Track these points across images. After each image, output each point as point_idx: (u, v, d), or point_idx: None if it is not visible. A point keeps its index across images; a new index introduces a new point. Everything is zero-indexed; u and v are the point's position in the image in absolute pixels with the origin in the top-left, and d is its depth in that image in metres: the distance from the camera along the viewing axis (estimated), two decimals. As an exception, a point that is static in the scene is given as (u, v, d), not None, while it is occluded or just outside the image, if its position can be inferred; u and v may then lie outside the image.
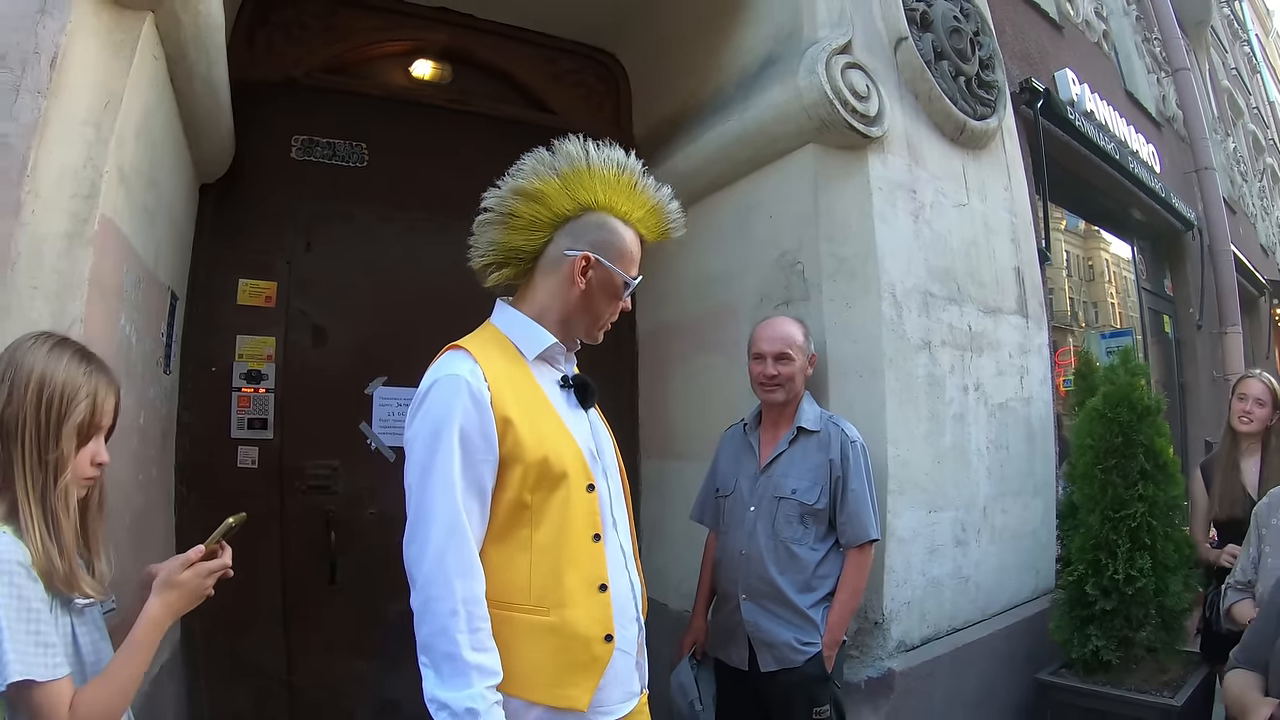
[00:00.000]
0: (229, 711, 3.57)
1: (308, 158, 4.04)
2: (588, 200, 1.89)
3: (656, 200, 1.99)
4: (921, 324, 3.60)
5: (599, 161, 1.89)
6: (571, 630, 1.76)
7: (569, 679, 1.75)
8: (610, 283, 1.93)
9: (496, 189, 1.93)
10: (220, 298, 3.74)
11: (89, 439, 1.57)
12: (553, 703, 1.74)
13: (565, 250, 1.89)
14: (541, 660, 1.74)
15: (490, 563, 1.73)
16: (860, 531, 2.88)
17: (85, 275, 2.11)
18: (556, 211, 1.89)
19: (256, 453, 3.76)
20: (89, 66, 2.18)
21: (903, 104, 3.76)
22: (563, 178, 1.87)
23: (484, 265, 1.95)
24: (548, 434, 1.81)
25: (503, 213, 1.91)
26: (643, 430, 4.62)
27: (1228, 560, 3.52)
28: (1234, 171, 12.07)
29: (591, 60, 4.84)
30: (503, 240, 1.92)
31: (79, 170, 2.14)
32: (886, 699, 3.22)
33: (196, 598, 1.65)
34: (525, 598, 1.75)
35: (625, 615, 1.88)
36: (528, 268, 1.95)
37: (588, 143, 1.90)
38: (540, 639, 1.75)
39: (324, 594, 3.77)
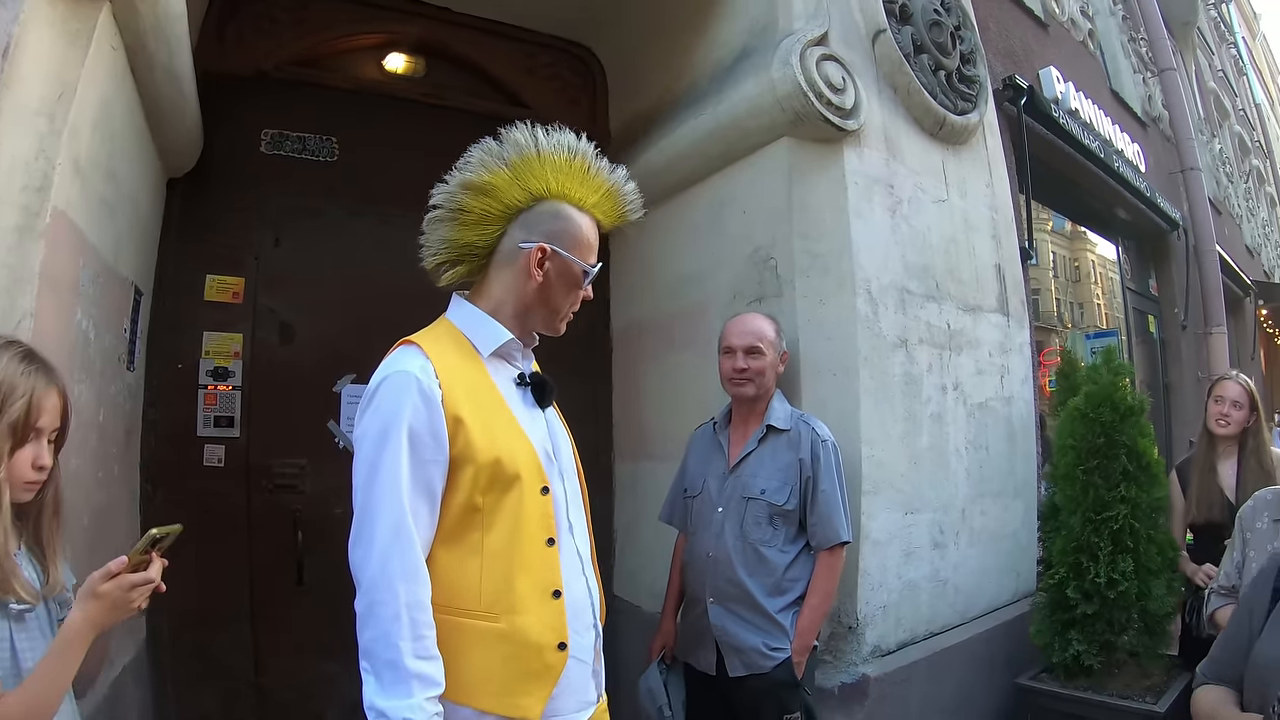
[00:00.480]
0: (196, 714, 3.51)
1: (277, 152, 3.99)
2: (539, 189, 1.83)
3: (611, 183, 1.94)
4: (898, 321, 3.55)
5: (549, 148, 1.83)
6: (523, 637, 1.70)
7: (520, 688, 1.70)
8: (568, 272, 1.86)
9: (444, 184, 1.87)
10: (187, 293, 3.68)
11: (25, 441, 1.52)
12: (504, 712, 1.68)
13: (520, 243, 1.83)
14: (492, 668, 1.69)
15: (440, 567, 1.67)
16: (831, 533, 2.83)
17: (36, 269, 2.06)
18: (508, 203, 1.83)
19: (223, 451, 3.71)
20: (42, 56, 2.13)
21: (880, 97, 3.72)
22: (512, 168, 1.81)
23: (437, 264, 1.89)
24: (501, 434, 1.75)
25: (452, 209, 1.85)
26: (616, 431, 4.59)
27: (1203, 579, 3.49)
28: (1220, 172, 12.11)
29: (568, 54, 4.80)
30: (455, 237, 1.86)
31: (30, 162, 2.09)
32: (861, 705, 3.17)
33: (119, 610, 1.55)
34: (476, 603, 1.69)
35: (581, 622, 1.82)
36: (482, 263, 1.89)
37: (536, 129, 1.83)
38: (491, 646, 1.69)
39: (292, 594, 3.71)
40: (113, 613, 1.54)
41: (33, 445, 1.54)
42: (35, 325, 2.01)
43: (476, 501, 1.71)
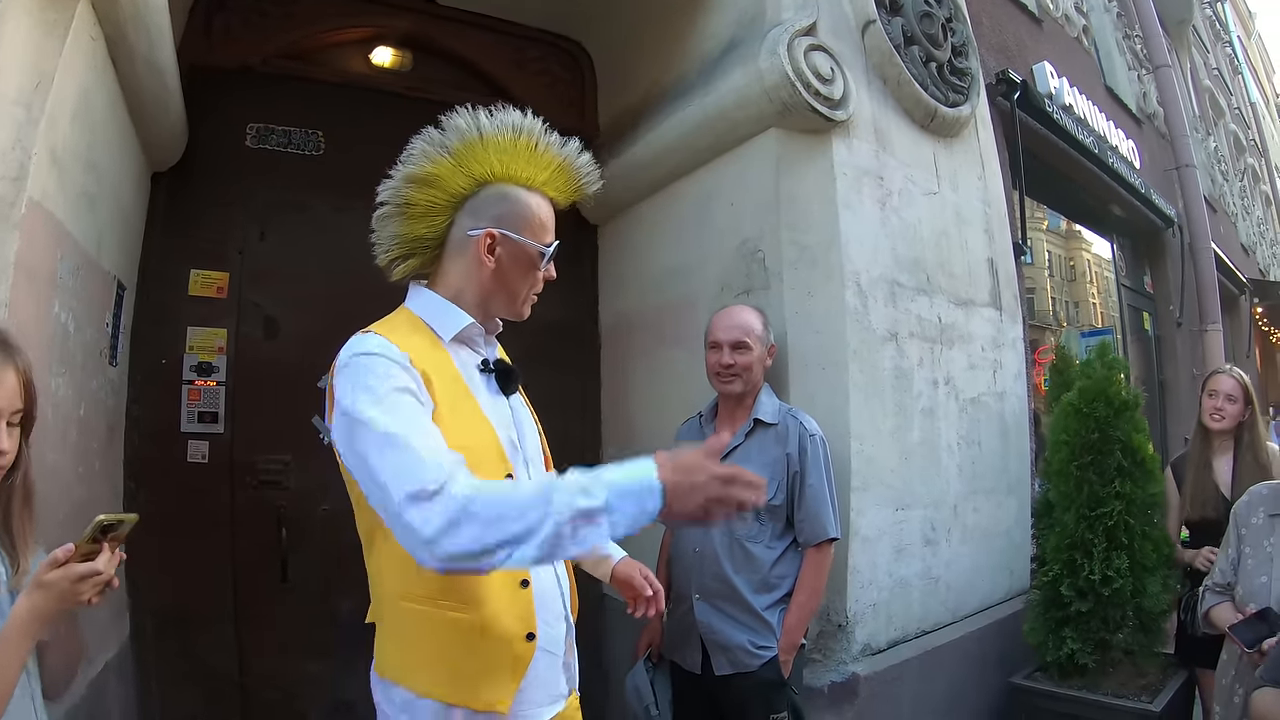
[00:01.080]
0: (180, 713, 3.48)
1: (263, 146, 3.97)
2: (483, 174, 1.80)
3: (563, 158, 1.88)
4: (888, 314, 3.52)
5: (491, 130, 1.79)
6: (491, 628, 1.65)
7: (488, 680, 1.65)
8: (523, 255, 1.82)
9: (389, 179, 1.84)
10: (171, 288, 3.66)
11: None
12: (471, 705, 1.64)
13: (468, 231, 1.79)
14: (459, 660, 1.64)
15: (403, 553, 1.58)
16: (819, 529, 2.79)
17: (10, 259, 2.05)
18: (452, 192, 1.79)
19: (207, 447, 3.69)
20: (19, 46, 2.13)
21: (870, 88, 3.69)
22: (454, 155, 1.78)
23: (389, 260, 1.86)
24: (463, 419, 1.70)
25: (398, 204, 1.82)
26: (605, 426, 4.56)
27: (1203, 563, 3.45)
28: (1215, 170, 12.12)
29: (556, 48, 4.76)
30: (404, 232, 1.83)
31: (6, 152, 2.08)
32: (851, 704, 3.14)
33: (66, 601, 1.48)
34: (443, 593, 1.64)
35: (550, 613, 1.78)
36: (435, 254, 1.85)
37: (479, 112, 1.79)
38: (459, 637, 1.64)
39: (276, 592, 3.69)
40: (60, 604, 1.48)
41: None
42: (10, 315, 2.00)
43: None
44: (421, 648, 1.64)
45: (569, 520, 1.36)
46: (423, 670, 1.63)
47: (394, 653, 1.70)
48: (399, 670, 1.68)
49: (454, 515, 1.38)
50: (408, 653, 1.67)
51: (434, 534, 1.38)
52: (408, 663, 1.68)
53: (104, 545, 1.49)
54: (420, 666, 1.63)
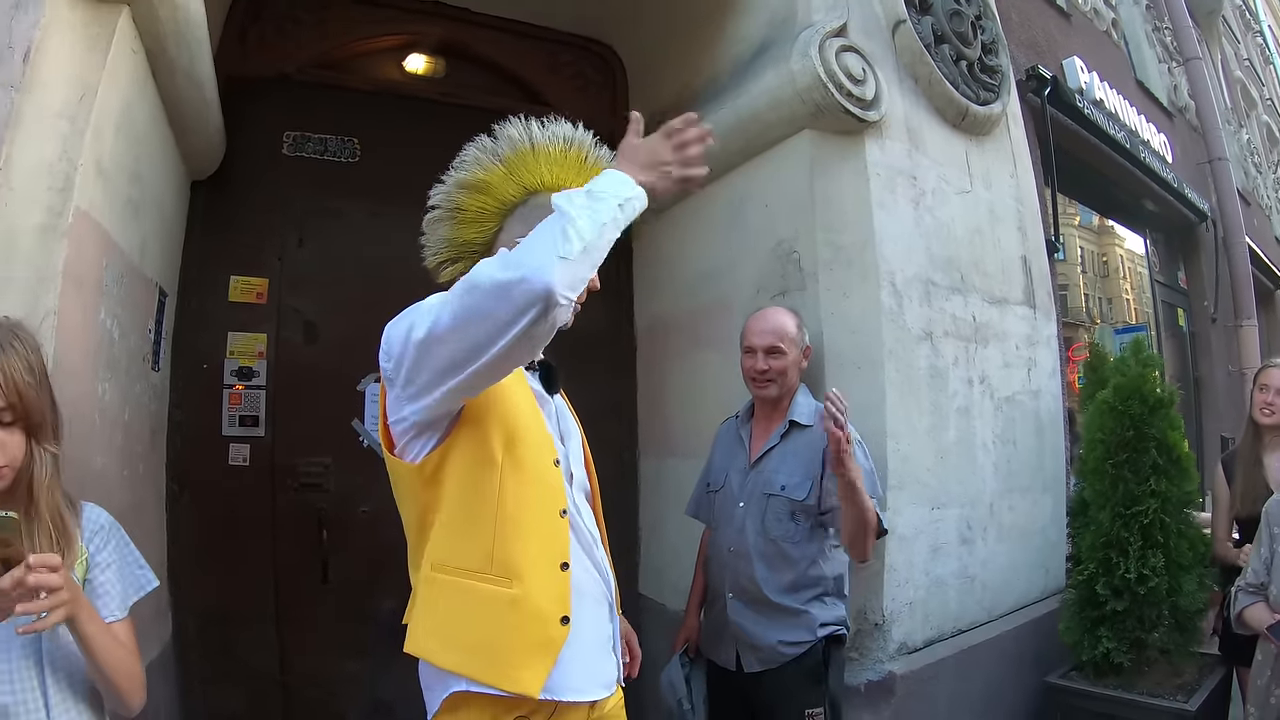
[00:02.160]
0: (222, 712, 3.53)
1: (300, 153, 4.01)
2: (533, 183, 1.86)
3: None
4: (923, 314, 3.52)
5: (543, 140, 1.86)
6: (524, 604, 1.67)
7: (519, 659, 1.66)
8: None
9: (441, 184, 1.91)
10: (211, 294, 3.71)
11: None
12: (501, 685, 1.64)
13: (516, 237, 1.78)
14: (492, 636, 1.66)
15: (455, 527, 1.68)
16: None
17: (59, 268, 2.09)
18: (503, 199, 1.86)
19: (248, 450, 3.73)
20: (63, 60, 2.18)
21: (901, 88, 3.69)
22: (506, 163, 1.84)
23: (438, 263, 1.94)
24: (522, 402, 1.76)
25: (449, 208, 1.89)
26: (641, 428, 4.57)
27: (1245, 560, 3.42)
28: (1248, 163, 11.94)
29: (588, 52, 4.79)
30: (453, 235, 1.91)
31: (53, 163, 2.13)
32: (887, 703, 3.14)
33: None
34: (487, 566, 1.67)
35: (590, 599, 1.82)
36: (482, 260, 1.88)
37: (531, 122, 1.86)
38: (495, 612, 1.66)
39: (317, 593, 3.74)
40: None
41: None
42: (59, 324, 2.04)
43: (496, 454, 1.70)
44: (457, 622, 1.66)
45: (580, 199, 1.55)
46: (454, 646, 1.66)
47: (424, 626, 1.71)
48: (426, 645, 1.70)
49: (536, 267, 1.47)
50: (438, 626, 1.69)
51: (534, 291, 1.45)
52: (436, 637, 1.69)
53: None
54: (452, 643, 1.66)
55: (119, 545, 1.71)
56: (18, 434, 1.51)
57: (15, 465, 1.51)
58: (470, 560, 1.67)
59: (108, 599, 1.63)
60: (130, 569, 1.72)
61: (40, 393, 1.54)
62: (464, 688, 1.64)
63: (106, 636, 1.54)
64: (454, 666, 1.65)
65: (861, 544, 2.66)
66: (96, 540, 1.67)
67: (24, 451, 1.52)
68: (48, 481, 1.55)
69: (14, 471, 1.52)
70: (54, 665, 1.53)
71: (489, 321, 1.49)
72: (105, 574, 1.65)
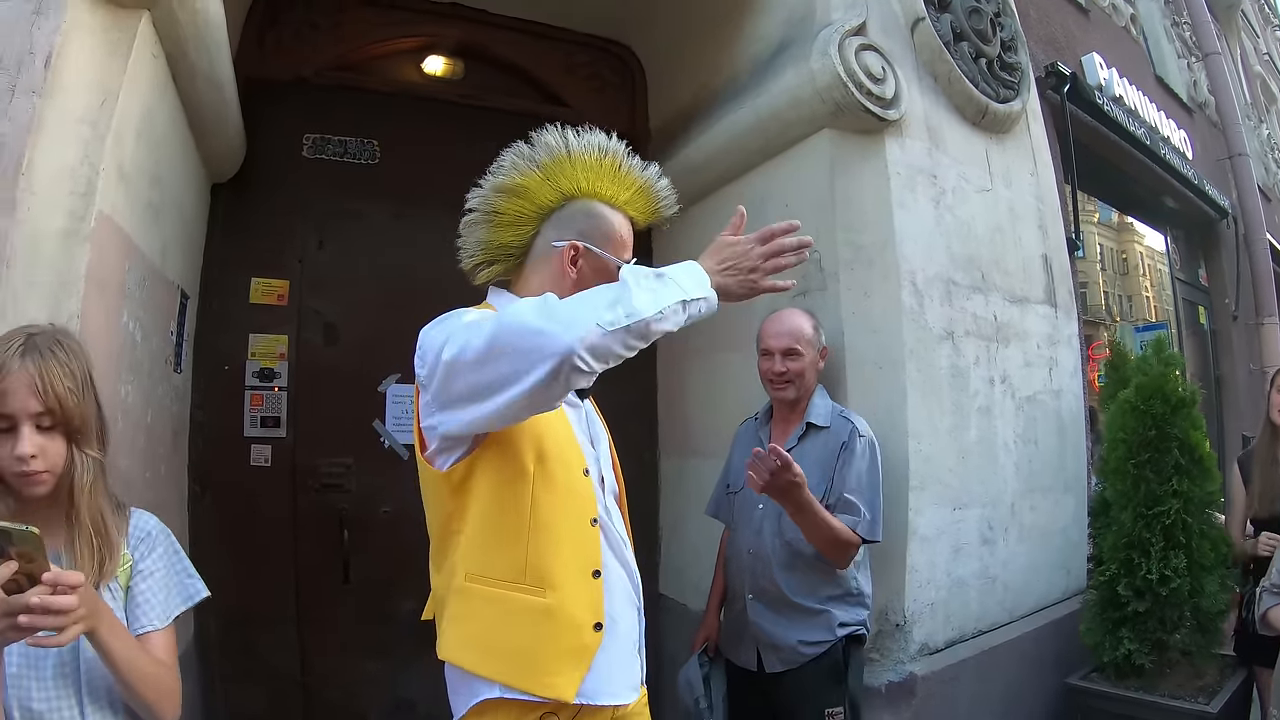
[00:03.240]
0: (243, 712, 3.56)
1: (319, 156, 4.04)
2: (570, 189, 1.88)
3: (644, 180, 1.96)
4: (944, 313, 3.50)
5: (579, 148, 1.87)
6: (559, 613, 1.70)
7: (554, 666, 1.68)
8: (603, 268, 1.87)
9: (479, 188, 1.92)
10: (232, 296, 3.74)
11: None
12: (536, 691, 1.66)
13: (552, 242, 1.87)
14: (527, 644, 1.68)
15: (487, 537, 1.70)
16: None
17: (82, 272, 2.12)
18: (539, 204, 1.87)
19: (270, 451, 3.76)
20: (85, 65, 2.20)
21: (921, 86, 3.67)
22: (543, 169, 1.86)
23: (474, 265, 1.94)
24: (551, 414, 1.76)
25: (486, 211, 1.90)
26: (661, 428, 4.57)
27: (1265, 549, 3.40)
28: (1269, 158, 11.85)
29: (606, 53, 4.79)
30: (490, 238, 1.91)
31: (75, 168, 2.15)
32: (908, 704, 3.13)
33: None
34: (520, 576, 1.69)
35: (622, 599, 1.84)
36: (518, 263, 1.93)
37: (566, 130, 1.87)
38: (529, 621, 1.69)
39: (338, 593, 3.76)
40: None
41: (8, 434, 1.49)
42: (82, 327, 2.06)
43: (528, 466, 1.72)
44: (492, 631, 1.68)
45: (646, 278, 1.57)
46: (489, 654, 1.67)
47: (457, 635, 1.72)
48: (462, 653, 1.71)
49: (574, 320, 1.48)
50: (474, 635, 1.70)
51: (565, 348, 1.45)
52: (473, 645, 1.71)
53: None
54: (487, 650, 1.67)
55: (166, 553, 1.71)
56: (58, 439, 1.53)
57: (56, 471, 1.53)
58: (504, 571, 1.69)
59: (147, 608, 1.63)
60: (179, 578, 1.71)
61: (82, 399, 1.55)
62: (495, 694, 1.66)
63: (131, 650, 1.53)
64: (490, 674, 1.66)
65: (828, 555, 2.69)
66: (141, 548, 1.68)
67: (65, 457, 1.53)
68: (89, 487, 1.56)
69: (54, 477, 1.53)
70: (90, 674, 1.53)
71: (507, 362, 1.50)
72: (147, 582, 1.65)
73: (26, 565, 1.31)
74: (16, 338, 1.52)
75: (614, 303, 1.50)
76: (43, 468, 1.50)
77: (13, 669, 1.47)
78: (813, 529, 2.59)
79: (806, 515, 2.55)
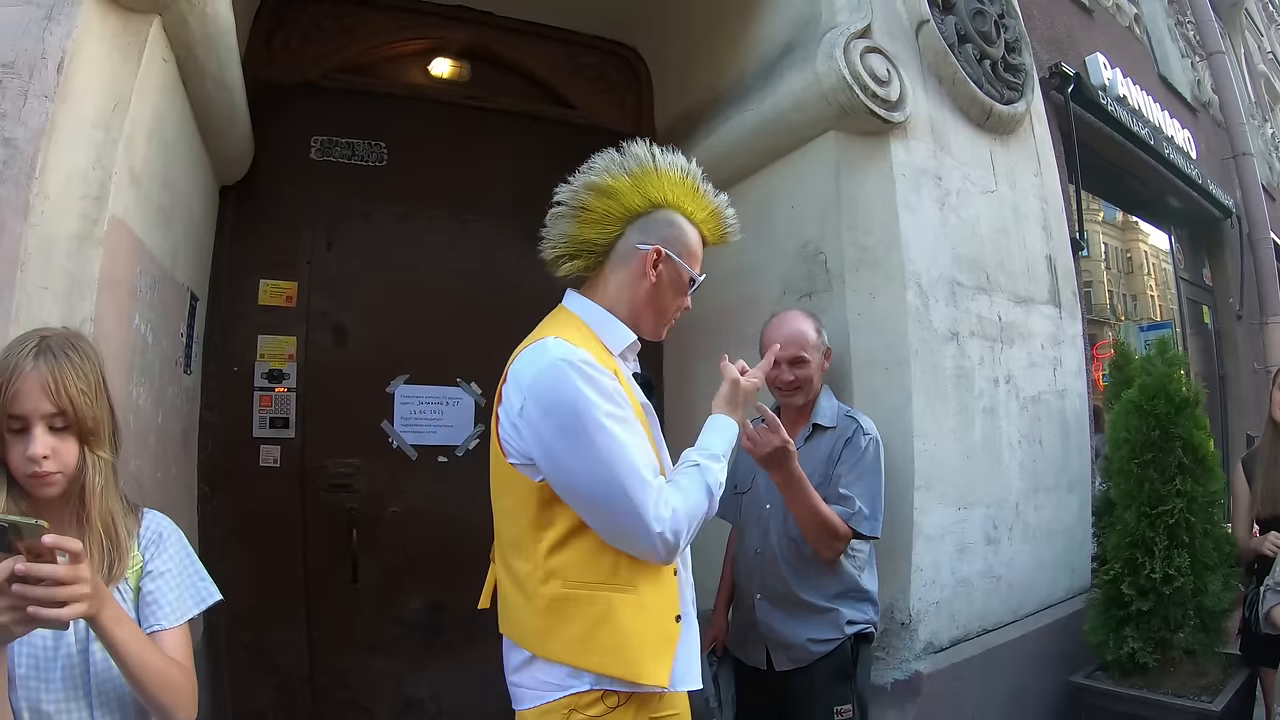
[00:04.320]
0: (252, 711, 3.59)
1: (327, 158, 4.06)
2: (658, 198, 1.95)
3: (716, 204, 2.07)
4: (949, 314, 3.52)
5: (665, 163, 1.96)
6: (653, 608, 1.83)
7: (649, 655, 1.81)
8: (678, 278, 1.99)
9: (568, 184, 1.97)
10: (241, 298, 3.77)
11: (9, 429, 1.49)
12: (637, 679, 1.78)
13: (637, 244, 1.95)
14: (627, 637, 1.79)
15: (583, 544, 1.80)
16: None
17: (95, 275, 2.14)
18: (628, 207, 1.94)
19: (279, 451, 3.79)
20: (96, 70, 2.22)
21: (926, 88, 3.69)
22: (633, 176, 1.93)
23: (556, 256, 2.00)
24: (640, 426, 1.85)
25: (575, 206, 1.96)
26: (668, 427, 4.50)
27: (1270, 548, 3.41)
28: (1273, 158, 11.81)
29: (612, 55, 4.81)
30: (575, 233, 1.96)
31: (88, 172, 2.17)
32: (914, 702, 3.14)
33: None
34: (613, 576, 1.80)
35: (688, 599, 1.98)
36: (598, 261, 1.99)
37: (653, 146, 1.96)
38: (626, 615, 1.80)
39: (346, 592, 3.78)
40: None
41: (24, 435, 1.49)
42: (95, 329, 2.08)
43: None
44: (597, 629, 1.78)
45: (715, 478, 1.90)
46: (593, 650, 1.77)
47: (566, 637, 1.80)
48: (569, 652, 1.79)
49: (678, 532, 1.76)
50: (580, 635, 1.79)
51: (669, 549, 1.75)
52: (579, 644, 1.79)
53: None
54: (590, 646, 1.77)
55: (178, 554, 1.71)
56: (70, 441, 1.53)
57: (68, 472, 1.53)
58: (600, 574, 1.80)
59: (157, 608, 1.63)
60: (191, 579, 1.71)
61: (94, 401, 1.55)
62: (586, 686, 1.78)
63: (139, 643, 1.51)
64: (594, 667, 1.77)
65: (814, 544, 2.69)
66: (152, 548, 1.68)
67: (76, 458, 1.54)
68: (100, 488, 1.57)
69: (66, 478, 1.53)
70: (100, 677, 1.54)
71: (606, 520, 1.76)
72: (157, 582, 1.65)
73: (35, 560, 1.30)
74: (30, 340, 1.53)
75: (712, 493, 1.88)
76: (54, 469, 1.51)
77: (21, 670, 1.48)
78: (802, 506, 2.60)
79: (796, 490, 2.57)
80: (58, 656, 1.51)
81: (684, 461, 1.95)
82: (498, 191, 4.12)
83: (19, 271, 2.00)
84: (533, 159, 4.18)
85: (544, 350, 1.79)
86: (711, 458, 1.94)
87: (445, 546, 3.78)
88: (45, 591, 1.30)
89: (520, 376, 1.79)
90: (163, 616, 1.63)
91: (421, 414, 4.00)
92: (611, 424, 1.73)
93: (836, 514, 2.66)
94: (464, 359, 4.04)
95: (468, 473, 3.96)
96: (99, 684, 1.54)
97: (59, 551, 1.31)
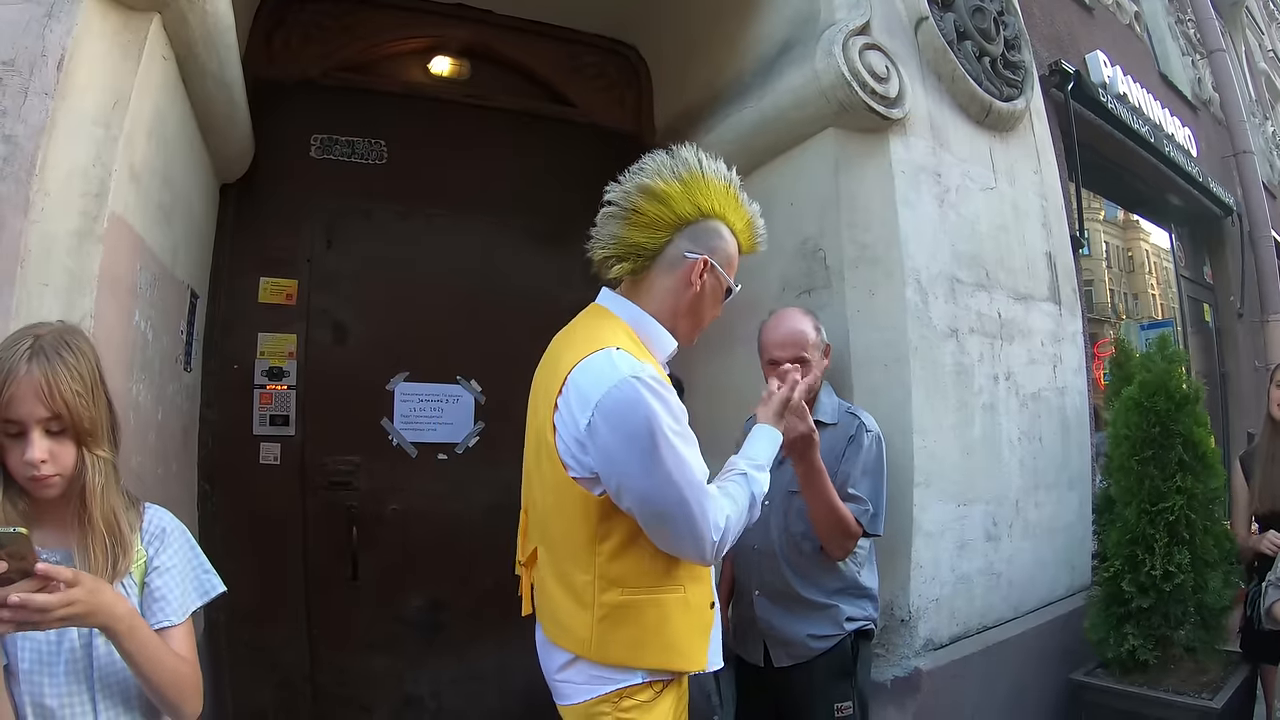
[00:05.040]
0: (252, 708, 3.60)
1: (327, 156, 4.07)
2: (707, 207, 1.96)
3: (752, 214, 2.09)
4: (948, 311, 3.52)
5: (710, 171, 1.97)
6: (693, 601, 1.92)
7: (694, 643, 1.92)
8: (718, 288, 2.02)
9: (619, 184, 1.96)
10: (242, 296, 3.78)
11: (7, 432, 1.48)
12: (684, 667, 1.92)
13: (685, 252, 1.95)
14: (679, 632, 1.89)
15: (640, 552, 1.84)
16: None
17: (95, 272, 2.15)
18: (679, 214, 1.94)
19: (279, 449, 3.79)
20: (96, 68, 2.22)
21: (925, 85, 3.69)
22: (684, 182, 1.93)
23: (605, 257, 1.99)
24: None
25: (626, 208, 1.94)
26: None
27: (1269, 547, 3.41)
28: (1274, 156, 11.79)
29: (612, 53, 4.81)
30: (625, 235, 1.95)
31: (88, 169, 2.17)
32: (913, 699, 3.14)
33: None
34: (664, 580, 1.87)
35: (714, 587, 2.06)
36: (644, 265, 1.98)
37: (699, 152, 1.96)
38: (677, 613, 1.89)
39: (346, 590, 3.78)
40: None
41: (21, 438, 1.48)
42: (95, 326, 2.08)
43: None
44: (649, 630, 1.85)
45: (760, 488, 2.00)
46: (651, 648, 1.85)
47: (625, 639, 1.86)
48: (629, 654, 1.86)
49: (726, 539, 1.85)
50: (640, 637, 1.86)
51: (717, 553, 1.83)
52: (638, 645, 1.86)
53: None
54: (648, 645, 1.85)
55: (181, 549, 1.71)
56: (67, 442, 1.52)
57: (66, 474, 1.52)
58: (656, 578, 1.87)
59: (163, 604, 1.63)
60: (195, 573, 1.72)
61: (91, 401, 1.53)
62: (638, 680, 1.86)
63: (153, 649, 1.52)
64: (650, 664, 1.86)
65: (828, 542, 2.69)
66: (156, 543, 1.67)
67: (75, 459, 1.53)
68: (101, 487, 1.56)
69: (65, 480, 1.53)
70: (103, 671, 1.54)
71: (669, 529, 1.79)
72: (162, 578, 1.65)
73: (18, 564, 1.32)
74: (24, 340, 1.50)
75: (756, 502, 1.98)
76: (53, 472, 1.50)
77: (25, 664, 1.48)
78: (820, 500, 2.59)
79: (816, 482, 2.56)
80: (61, 650, 1.51)
81: (732, 468, 2.02)
82: (498, 189, 4.14)
83: (19, 268, 2.00)
84: (533, 157, 4.21)
85: (611, 365, 1.77)
86: (758, 468, 2.02)
87: (445, 544, 3.81)
88: (37, 616, 1.33)
89: (586, 391, 1.76)
90: (170, 613, 1.64)
91: (421, 411, 4.01)
92: (678, 441, 1.75)
93: (851, 511, 2.67)
94: (464, 356, 4.06)
95: (468, 470, 3.98)
96: (102, 677, 1.54)
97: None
